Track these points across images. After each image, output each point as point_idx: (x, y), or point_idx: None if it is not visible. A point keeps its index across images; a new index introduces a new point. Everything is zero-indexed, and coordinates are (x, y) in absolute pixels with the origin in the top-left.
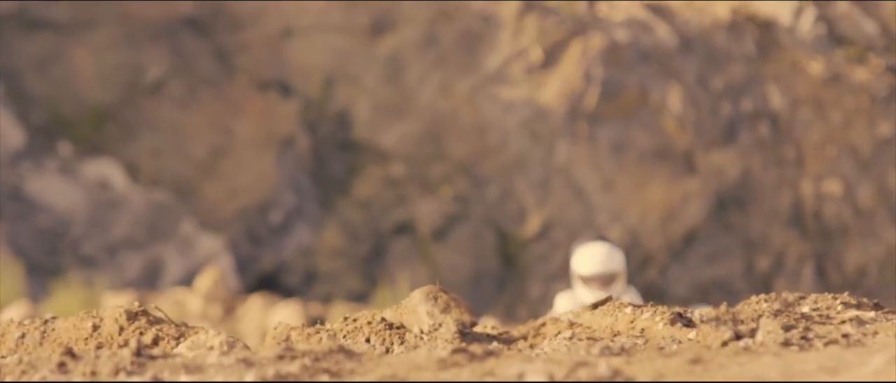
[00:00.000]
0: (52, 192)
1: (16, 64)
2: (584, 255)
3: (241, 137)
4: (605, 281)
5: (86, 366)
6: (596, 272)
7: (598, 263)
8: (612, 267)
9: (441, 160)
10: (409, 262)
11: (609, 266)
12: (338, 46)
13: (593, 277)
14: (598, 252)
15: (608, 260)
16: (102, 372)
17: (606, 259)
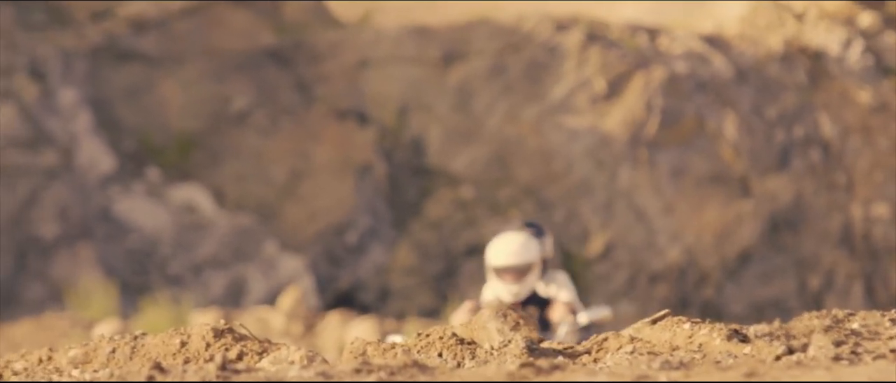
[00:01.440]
0: (141, 215)
1: (108, 94)
2: (497, 246)
3: (320, 163)
4: (518, 273)
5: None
6: (508, 264)
7: (510, 255)
8: (526, 258)
9: (509, 184)
10: (479, 281)
11: (522, 258)
12: (411, 77)
13: (505, 269)
14: (511, 243)
15: (522, 251)
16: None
17: (520, 250)
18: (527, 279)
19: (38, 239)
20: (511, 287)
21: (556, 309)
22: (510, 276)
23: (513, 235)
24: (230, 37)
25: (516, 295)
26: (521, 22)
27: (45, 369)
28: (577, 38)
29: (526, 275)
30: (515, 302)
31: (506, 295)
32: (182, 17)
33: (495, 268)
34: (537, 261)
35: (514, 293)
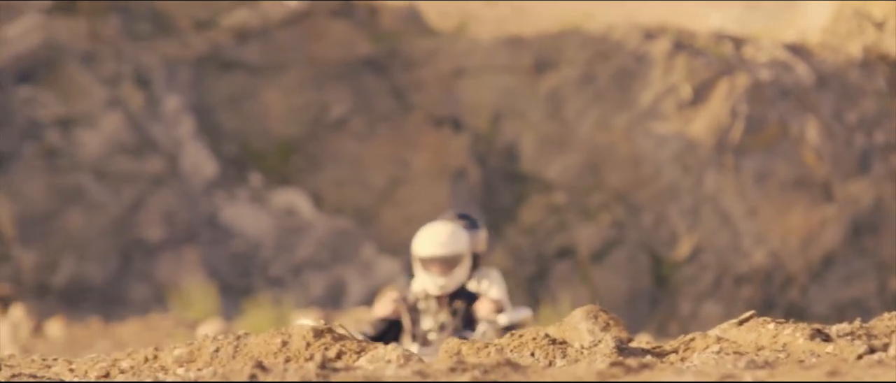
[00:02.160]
0: (243, 219)
1: (211, 101)
2: (424, 236)
3: (416, 169)
4: (445, 265)
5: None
6: (434, 255)
7: (437, 245)
8: (454, 250)
9: (599, 189)
10: (570, 283)
11: (450, 249)
12: (504, 85)
13: (432, 260)
14: (439, 233)
15: (450, 242)
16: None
17: (448, 241)
18: (455, 272)
19: (144, 242)
20: (437, 279)
21: (482, 305)
22: (437, 268)
23: (441, 225)
24: (329, 46)
25: (443, 289)
26: (611, 31)
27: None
28: (664, 47)
29: (454, 268)
30: (442, 295)
31: (432, 288)
32: (283, 26)
33: (421, 259)
34: (466, 253)
35: (440, 286)
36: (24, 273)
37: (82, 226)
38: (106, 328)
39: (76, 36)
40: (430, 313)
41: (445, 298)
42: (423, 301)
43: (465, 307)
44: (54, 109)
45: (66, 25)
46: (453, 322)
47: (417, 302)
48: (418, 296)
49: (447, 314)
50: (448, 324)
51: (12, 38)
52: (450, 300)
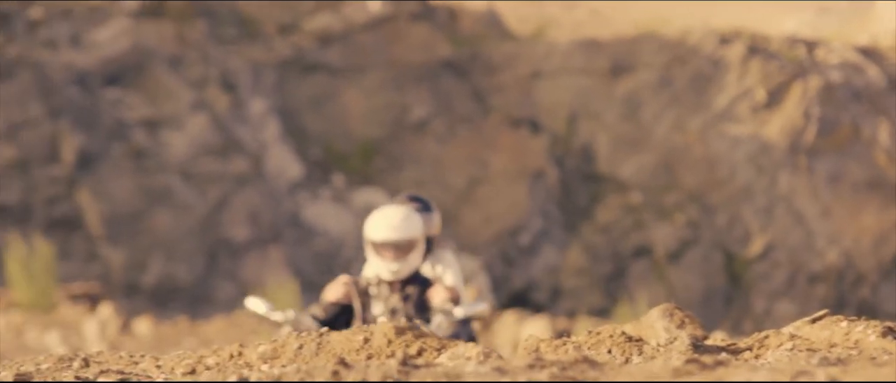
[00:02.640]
0: (326, 219)
1: (294, 103)
2: (376, 219)
3: (495, 169)
4: (398, 250)
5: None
6: (387, 239)
7: (390, 229)
8: (408, 234)
9: (675, 189)
10: (646, 282)
11: (404, 233)
12: (581, 87)
13: (385, 245)
14: (392, 216)
15: (404, 226)
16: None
17: (401, 225)
18: (409, 257)
19: (229, 241)
20: (390, 264)
21: (436, 292)
22: (390, 253)
23: (394, 209)
24: (410, 49)
25: (396, 274)
26: (687, 36)
27: (236, 364)
28: (739, 51)
29: (408, 253)
30: (395, 280)
31: (385, 273)
32: (364, 30)
33: (374, 243)
34: (420, 237)
35: (393, 271)
36: (112, 272)
37: (169, 225)
38: (192, 326)
39: (163, 39)
40: (381, 298)
41: (398, 283)
42: (375, 286)
43: (417, 293)
44: (142, 111)
45: (153, 29)
46: (405, 307)
47: (369, 287)
48: (370, 281)
49: (399, 299)
50: (399, 310)
51: (101, 42)
52: (402, 285)
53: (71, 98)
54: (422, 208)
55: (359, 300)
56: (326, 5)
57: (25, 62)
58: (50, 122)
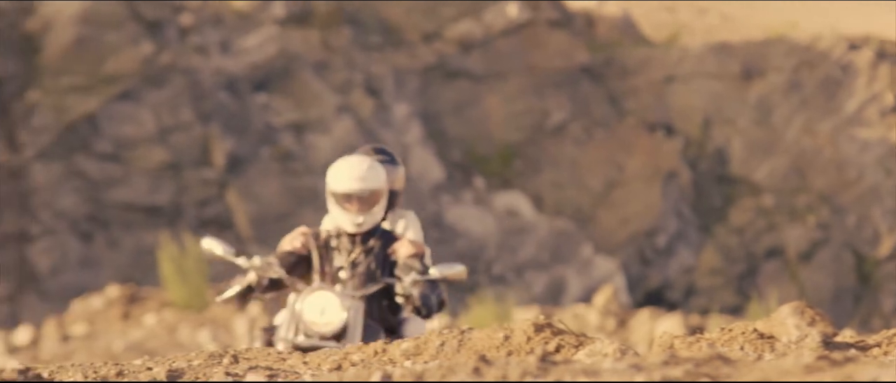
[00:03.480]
0: (468, 220)
1: (437, 109)
2: (340, 169)
3: (631, 172)
4: (363, 202)
5: (497, 371)
6: (351, 190)
7: (355, 180)
8: (373, 185)
9: (806, 192)
10: (777, 281)
11: (369, 184)
12: (714, 91)
13: (349, 196)
14: (357, 167)
15: (369, 177)
16: (512, 375)
17: (367, 175)
18: (373, 209)
19: None
20: (354, 217)
21: (402, 246)
22: (354, 204)
23: (359, 159)
24: (548, 55)
25: (359, 226)
26: (816, 41)
27: (380, 360)
28: (867, 56)
29: (372, 205)
30: (357, 233)
31: (347, 225)
32: (504, 37)
33: (337, 194)
34: (385, 190)
35: (357, 223)
36: None
37: (315, 225)
38: None
39: (310, 46)
40: (342, 251)
41: (360, 236)
42: (336, 238)
43: (380, 246)
44: (289, 115)
45: (300, 36)
46: (366, 261)
47: (329, 240)
48: (331, 233)
49: (361, 252)
50: (361, 263)
51: (250, 49)
52: (364, 238)
53: (221, 103)
54: (387, 160)
55: (317, 252)
56: (468, 13)
57: (177, 68)
58: (201, 126)
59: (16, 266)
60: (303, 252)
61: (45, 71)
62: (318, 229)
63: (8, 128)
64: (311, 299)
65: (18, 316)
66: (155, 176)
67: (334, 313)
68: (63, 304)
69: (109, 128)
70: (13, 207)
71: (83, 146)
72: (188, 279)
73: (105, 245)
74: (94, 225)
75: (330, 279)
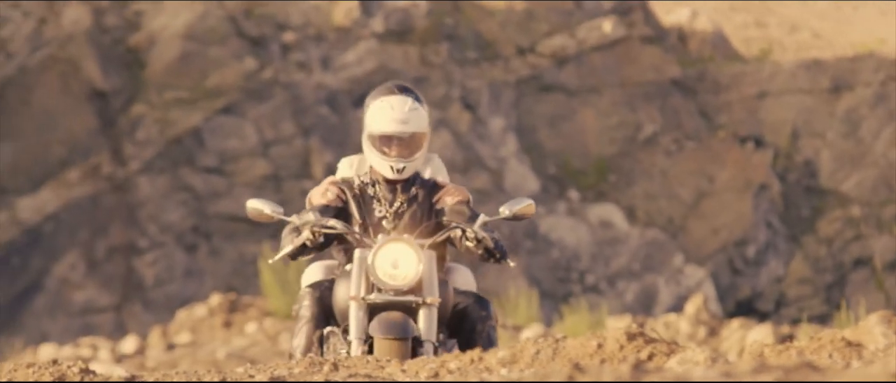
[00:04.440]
0: (562, 231)
1: (531, 122)
2: (380, 109)
3: (721, 183)
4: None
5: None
6: (395, 132)
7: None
8: (417, 128)
9: (893, 203)
10: (865, 290)
11: (413, 127)
12: (804, 105)
13: (392, 138)
14: (398, 107)
15: (413, 119)
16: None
17: (411, 117)
18: (415, 154)
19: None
20: (395, 161)
21: (449, 193)
22: (397, 148)
23: (401, 99)
24: (640, 69)
25: (399, 173)
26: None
27: (477, 368)
28: None
29: (415, 149)
30: (397, 180)
31: (386, 171)
32: (598, 51)
33: (375, 136)
34: (427, 133)
35: (397, 169)
36: None
37: None
38: None
39: (408, 61)
40: (382, 200)
41: (400, 184)
42: (372, 186)
43: (424, 194)
44: None
45: (399, 51)
46: (411, 210)
47: (365, 188)
48: (365, 181)
49: (404, 201)
50: (405, 212)
51: (349, 63)
52: (405, 186)
53: (321, 116)
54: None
55: (354, 203)
56: (561, 27)
57: (279, 83)
58: (301, 140)
59: (122, 277)
60: (337, 204)
61: (151, 85)
62: (348, 177)
63: (114, 142)
64: (383, 252)
65: (125, 326)
66: (257, 188)
67: (409, 266)
68: (168, 314)
69: (213, 141)
70: (120, 220)
71: (187, 159)
72: (288, 288)
73: (208, 256)
74: (198, 236)
75: (373, 231)
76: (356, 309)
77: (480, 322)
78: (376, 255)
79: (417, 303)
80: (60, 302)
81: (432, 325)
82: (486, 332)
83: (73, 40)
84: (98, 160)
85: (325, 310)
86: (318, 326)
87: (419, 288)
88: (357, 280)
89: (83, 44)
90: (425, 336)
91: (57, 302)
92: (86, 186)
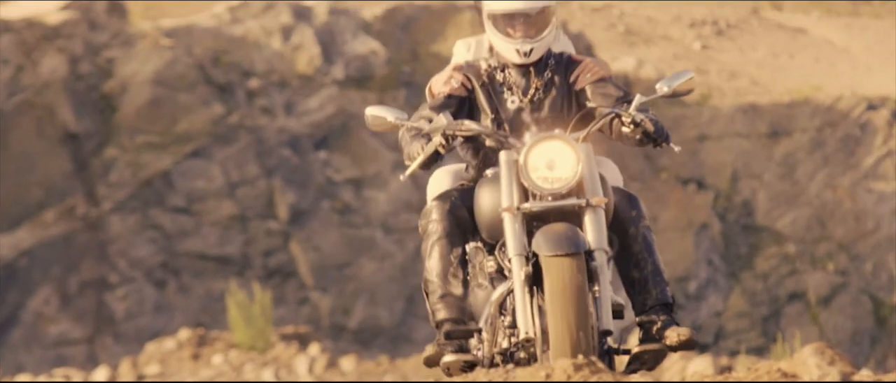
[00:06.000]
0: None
1: None
2: None
3: (664, 223)
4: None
5: None
6: (516, 9)
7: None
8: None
9: (826, 240)
10: (800, 323)
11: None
12: (742, 149)
13: (513, 16)
14: None
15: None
16: None
17: None
18: (543, 33)
19: None
20: (522, 43)
21: (588, 69)
22: (523, 27)
23: None
24: None
25: (527, 56)
26: (838, 102)
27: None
28: (884, 116)
29: (542, 28)
30: (523, 64)
31: (512, 55)
32: None
33: (497, 16)
34: (555, 7)
35: (525, 52)
36: (321, 315)
37: (372, 273)
38: (392, 364)
39: (367, 106)
40: (514, 87)
41: (531, 68)
42: (501, 72)
43: (561, 75)
44: (348, 172)
45: (358, 97)
46: (548, 96)
47: (493, 74)
48: (492, 66)
49: (539, 86)
50: (543, 100)
51: (311, 109)
52: (538, 68)
53: (284, 159)
54: None
55: (482, 92)
56: None
57: (244, 128)
58: (266, 181)
59: (95, 311)
60: (462, 94)
61: (122, 129)
62: (474, 62)
63: (88, 183)
64: (536, 152)
65: (97, 358)
66: (224, 227)
67: (567, 165)
68: (138, 346)
69: (182, 182)
70: (93, 257)
71: (157, 200)
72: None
73: (177, 291)
74: (167, 273)
75: (509, 122)
76: (512, 221)
77: (632, 223)
78: (528, 156)
79: (581, 206)
80: (35, 335)
81: (602, 231)
82: (641, 235)
83: (49, 87)
84: (73, 200)
85: (461, 224)
86: (454, 243)
87: (580, 189)
88: (508, 187)
89: (59, 90)
90: (595, 244)
91: (32, 335)
92: (61, 225)
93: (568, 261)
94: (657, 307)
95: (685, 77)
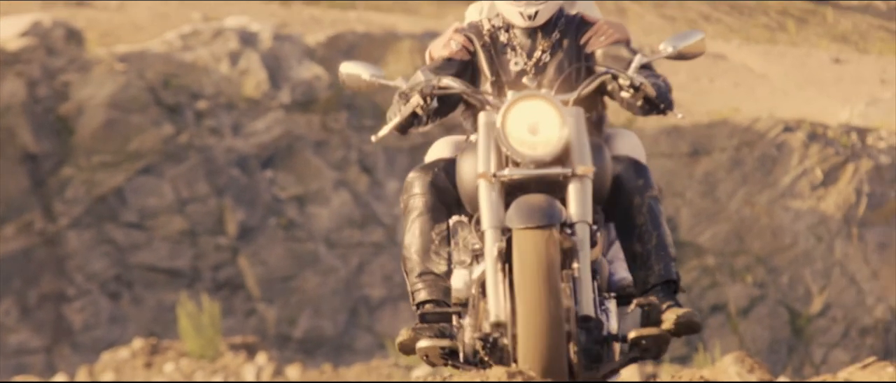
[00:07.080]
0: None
1: None
2: None
3: None
4: None
5: None
6: None
7: None
8: None
9: (744, 254)
10: (721, 334)
11: None
12: (665, 168)
13: None
14: None
15: None
16: None
17: None
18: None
19: (367, 299)
20: (526, 6)
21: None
22: None
23: None
24: None
25: (533, 18)
26: (756, 124)
27: None
28: (800, 137)
29: None
30: (530, 26)
31: (515, 17)
32: None
33: None
34: None
35: (529, 15)
36: (267, 325)
37: (316, 286)
38: (335, 372)
39: (311, 127)
40: (518, 49)
41: (538, 30)
42: (505, 32)
43: (571, 36)
44: (292, 189)
45: (303, 119)
46: (555, 58)
47: (497, 34)
48: (496, 26)
49: (546, 48)
50: (548, 63)
51: (258, 130)
52: (546, 29)
53: (233, 178)
54: None
55: (484, 53)
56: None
57: (194, 147)
58: (215, 199)
59: (53, 322)
60: (463, 57)
61: (79, 150)
62: (477, 22)
63: (45, 201)
64: (515, 113)
65: (55, 367)
66: (174, 242)
67: (551, 127)
68: (94, 355)
69: (134, 199)
70: (51, 270)
71: (111, 215)
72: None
73: (131, 303)
74: (120, 285)
75: (511, 86)
76: (487, 189)
77: (638, 193)
78: (506, 118)
79: (565, 176)
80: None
81: (586, 203)
82: (646, 205)
83: (9, 110)
84: (30, 217)
85: (444, 197)
86: (437, 218)
87: (566, 156)
88: (485, 152)
89: (18, 113)
90: (577, 217)
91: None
92: (19, 240)
93: (538, 233)
94: (659, 286)
95: (694, 37)
